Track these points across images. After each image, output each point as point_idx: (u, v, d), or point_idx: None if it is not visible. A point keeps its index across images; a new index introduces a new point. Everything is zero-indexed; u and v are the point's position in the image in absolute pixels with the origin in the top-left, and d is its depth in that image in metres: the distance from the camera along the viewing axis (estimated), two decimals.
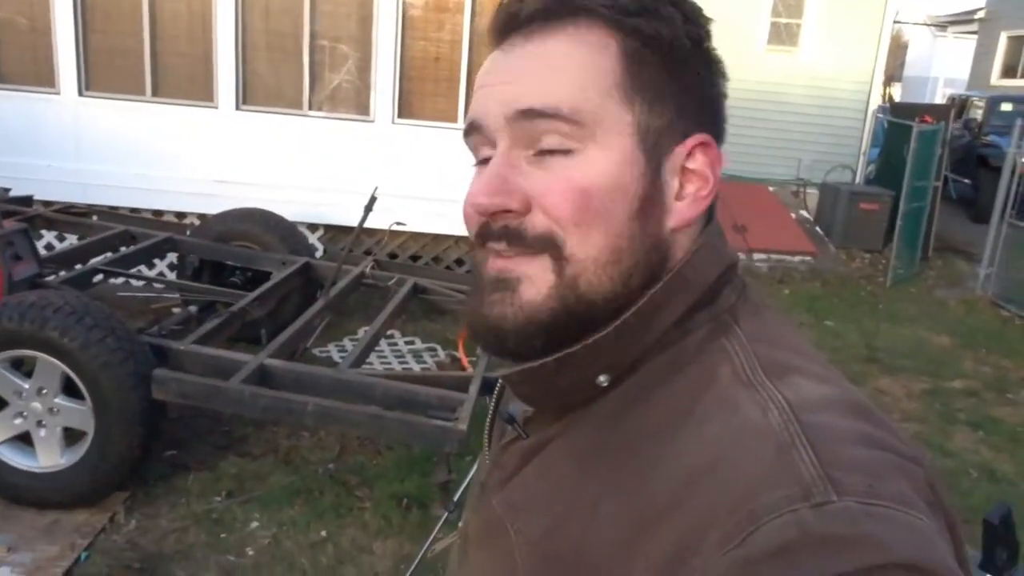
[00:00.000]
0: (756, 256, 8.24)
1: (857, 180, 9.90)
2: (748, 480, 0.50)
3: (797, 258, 8.34)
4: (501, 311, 0.60)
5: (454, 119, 5.88)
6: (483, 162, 0.63)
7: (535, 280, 0.59)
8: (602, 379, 0.60)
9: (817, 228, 9.19)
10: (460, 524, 0.73)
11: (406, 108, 5.90)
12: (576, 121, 0.58)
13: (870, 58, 9.75)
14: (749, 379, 0.56)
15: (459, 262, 6.28)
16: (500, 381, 0.75)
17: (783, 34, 9.84)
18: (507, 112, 0.59)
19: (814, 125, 9.73)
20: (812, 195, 9.72)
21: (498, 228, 0.60)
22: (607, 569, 0.54)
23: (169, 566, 2.92)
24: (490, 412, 0.76)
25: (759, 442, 0.51)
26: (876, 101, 10.03)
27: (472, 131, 0.64)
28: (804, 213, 9.50)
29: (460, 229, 6.03)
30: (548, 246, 0.58)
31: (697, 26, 0.62)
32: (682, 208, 0.62)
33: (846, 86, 9.74)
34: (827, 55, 9.72)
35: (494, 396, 0.77)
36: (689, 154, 0.62)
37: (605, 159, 0.58)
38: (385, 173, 5.57)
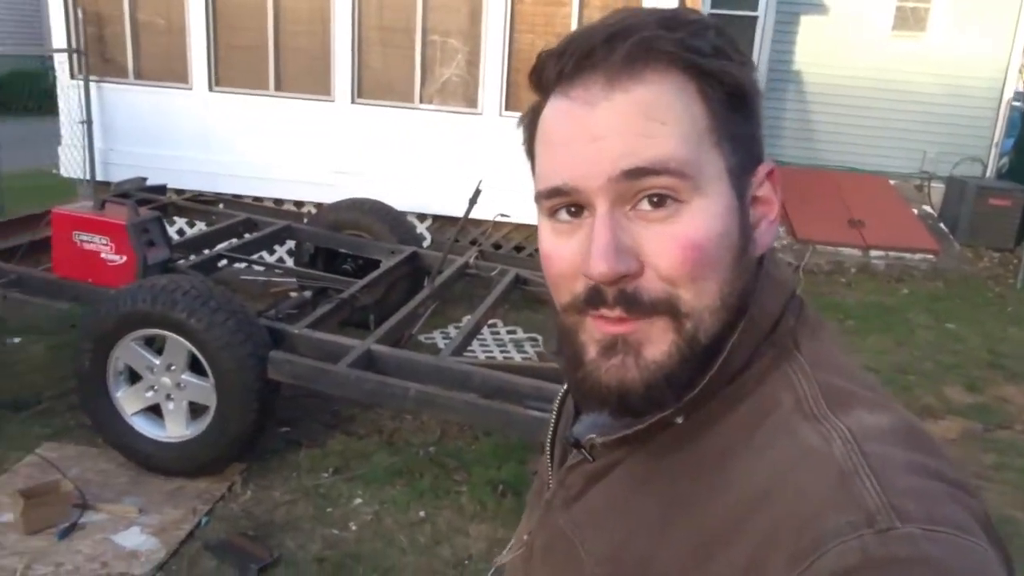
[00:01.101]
0: (873, 253, 7.89)
1: (988, 173, 9.30)
2: (812, 505, 0.51)
3: (918, 256, 7.93)
4: (623, 374, 0.60)
5: None
6: (557, 218, 0.62)
7: (656, 341, 0.59)
8: (679, 420, 0.62)
9: (941, 224, 8.71)
10: (525, 537, 0.75)
11: (513, 101, 5.98)
12: (684, 174, 0.57)
13: (1007, 42, 9.11)
14: (812, 411, 0.58)
15: None
16: (559, 400, 0.78)
17: (910, 18, 9.33)
18: (612, 172, 0.57)
19: (941, 115, 9.19)
20: (937, 189, 9.20)
21: (615, 294, 0.58)
22: None
23: (279, 535, 3.12)
24: (550, 431, 0.78)
25: (822, 468, 0.53)
26: (1012, 89, 9.36)
27: (555, 194, 0.61)
28: (927, 208, 9.01)
29: None
30: (666, 309, 0.58)
31: (748, 60, 0.62)
32: (760, 236, 0.63)
33: (978, 73, 9.15)
34: (958, 40, 9.15)
35: (554, 416, 0.78)
36: (760, 183, 0.63)
37: (710, 209, 0.58)
38: (491, 165, 5.67)
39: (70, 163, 6.32)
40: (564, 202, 0.61)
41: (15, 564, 2.81)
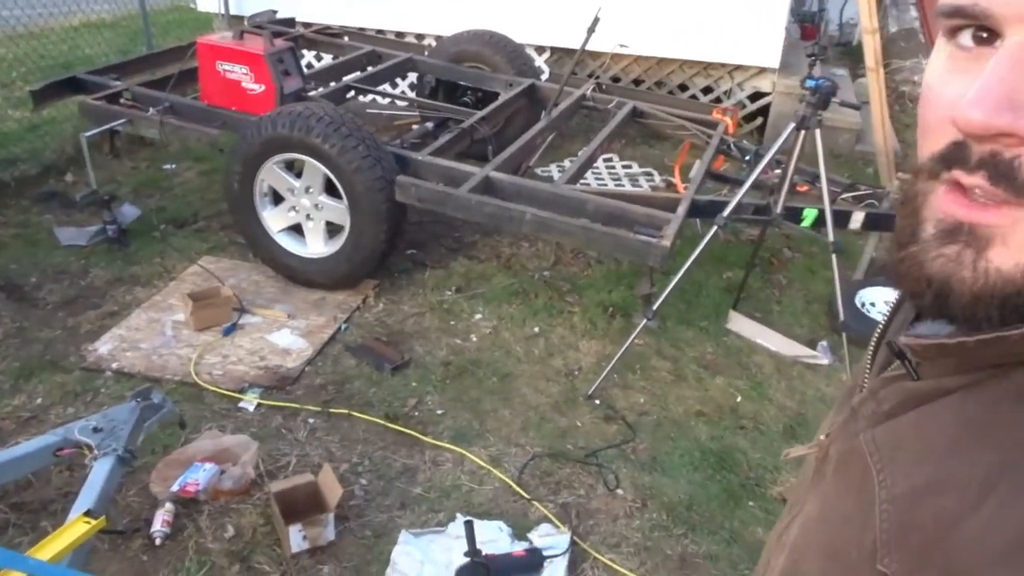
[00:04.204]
0: None
1: None
2: None
3: None
4: (952, 271, 0.47)
5: None
6: (957, 40, 0.49)
7: (1010, 242, 0.45)
8: None
9: None
10: (822, 437, 0.66)
11: None
12: None
13: None
14: None
15: (682, 87, 6.18)
16: (897, 300, 0.67)
17: None
18: None
19: None
20: None
21: (982, 154, 0.45)
22: (985, 567, 0.44)
23: (410, 341, 3.48)
24: (878, 332, 0.65)
25: None
26: None
27: (956, 15, 0.48)
28: None
29: (685, 53, 5.92)
30: None
31: None
32: None
33: None
34: None
35: (887, 316, 0.67)
36: None
37: None
38: None
39: None
40: (968, 23, 0.48)
41: (190, 353, 3.29)
